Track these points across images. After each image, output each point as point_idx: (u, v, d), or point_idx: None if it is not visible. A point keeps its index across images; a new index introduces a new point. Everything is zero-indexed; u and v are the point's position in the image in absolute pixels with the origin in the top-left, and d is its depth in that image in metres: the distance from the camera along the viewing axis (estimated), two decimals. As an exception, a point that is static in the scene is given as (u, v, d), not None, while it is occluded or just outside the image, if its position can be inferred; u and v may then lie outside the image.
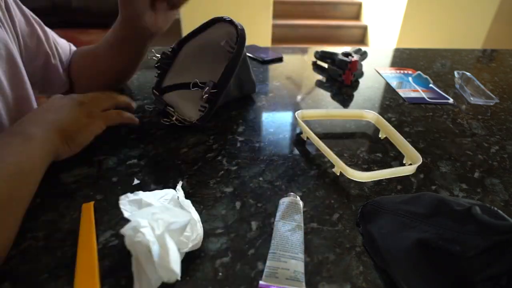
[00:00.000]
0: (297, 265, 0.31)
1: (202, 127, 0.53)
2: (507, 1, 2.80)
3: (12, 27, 0.50)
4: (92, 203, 0.38)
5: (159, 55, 0.54)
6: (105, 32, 0.59)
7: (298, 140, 0.52)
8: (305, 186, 0.43)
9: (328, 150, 0.44)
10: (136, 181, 0.42)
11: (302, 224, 0.35)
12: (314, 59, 0.84)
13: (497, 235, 0.26)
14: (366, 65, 0.86)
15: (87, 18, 4.20)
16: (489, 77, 0.82)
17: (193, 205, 0.39)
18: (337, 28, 3.63)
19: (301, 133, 0.53)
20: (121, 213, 0.31)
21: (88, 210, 0.37)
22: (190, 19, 2.07)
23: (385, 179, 0.44)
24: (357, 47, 0.82)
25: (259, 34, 2.81)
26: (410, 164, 0.45)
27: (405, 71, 0.82)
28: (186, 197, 0.40)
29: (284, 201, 0.37)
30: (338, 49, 0.99)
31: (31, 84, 0.53)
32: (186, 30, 1.82)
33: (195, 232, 0.32)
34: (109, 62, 0.59)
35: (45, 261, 0.32)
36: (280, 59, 0.86)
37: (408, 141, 0.48)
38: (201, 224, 0.34)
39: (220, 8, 2.73)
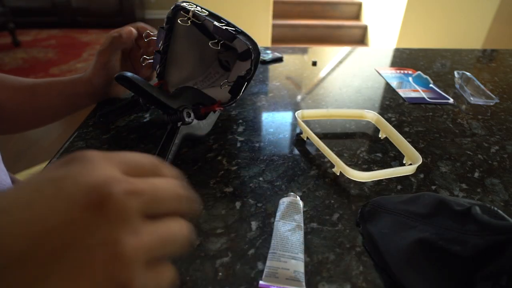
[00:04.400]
0: (297, 265, 0.31)
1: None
2: (507, 1, 2.80)
3: None
4: None
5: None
6: (105, 32, 0.59)
7: (298, 140, 0.52)
8: (305, 186, 0.43)
9: (328, 150, 0.44)
10: None
11: (302, 224, 0.35)
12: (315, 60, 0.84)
13: (497, 235, 0.26)
14: (366, 65, 0.86)
15: (87, 18, 4.22)
16: (489, 77, 0.82)
17: (193, 205, 0.39)
18: (337, 28, 3.63)
19: (301, 133, 0.54)
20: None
21: None
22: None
23: (385, 179, 0.44)
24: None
25: (259, 34, 2.82)
26: (410, 164, 0.45)
27: (405, 71, 0.82)
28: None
29: (284, 201, 0.37)
30: (338, 49, 0.99)
31: None
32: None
33: None
34: (49, 104, 0.55)
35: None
36: (280, 59, 0.86)
37: (408, 141, 0.48)
38: None
39: (220, 8, 2.73)
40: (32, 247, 0.14)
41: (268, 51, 0.89)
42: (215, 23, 0.46)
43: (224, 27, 0.46)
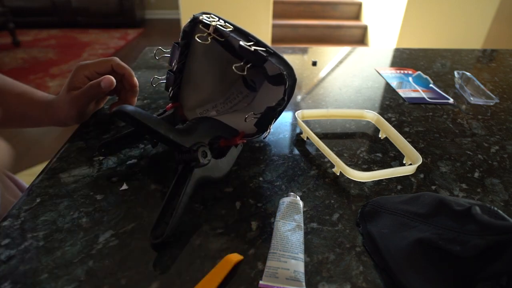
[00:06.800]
0: (297, 265, 0.31)
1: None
2: (507, 1, 2.80)
3: None
4: (238, 258, 0.32)
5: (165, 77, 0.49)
6: (105, 32, 0.58)
7: (298, 140, 0.52)
8: (305, 186, 0.43)
9: (328, 150, 0.44)
10: (124, 186, 0.41)
11: (302, 224, 0.35)
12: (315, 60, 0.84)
13: (497, 235, 0.26)
14: (366, 65, 0.86)
15: (87, 18, 4.22)
16: (489, 77, 0.82)
17: (194, 205, 0.39)
18: (337, 28, 3.63)
19: (301, 133, 0.54)
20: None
21: (227, 264, 0.31)
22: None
23: (385, 179, 0.44)
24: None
25: (259, 34, 2.82)
26: (410, 164, 0.45)
27: (405, 71, 0.82)
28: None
29: (284, 201, 0.37)
30: (338, 49, 0.99)
31: None
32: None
33: None
34: (15, 111, 0.54)
35: (45, 261, 0.32)
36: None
37: (408, 141, 0.48)
38: None
39: (220, 8, 2.74)
40: None
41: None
42: (241, 43, 0.38)
43: (252, 49, 0.38)
